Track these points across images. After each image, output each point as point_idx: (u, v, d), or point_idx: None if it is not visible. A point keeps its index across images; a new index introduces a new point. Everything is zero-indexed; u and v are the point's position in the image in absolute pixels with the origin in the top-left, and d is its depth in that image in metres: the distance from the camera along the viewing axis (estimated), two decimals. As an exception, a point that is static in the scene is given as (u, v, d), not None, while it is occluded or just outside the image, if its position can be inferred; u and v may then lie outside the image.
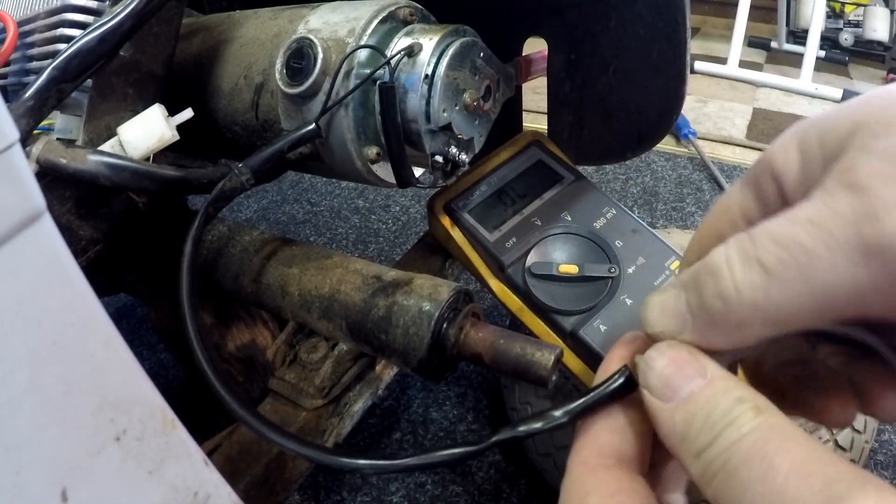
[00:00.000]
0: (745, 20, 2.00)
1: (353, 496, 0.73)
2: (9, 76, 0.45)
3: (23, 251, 0.19)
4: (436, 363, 0.40)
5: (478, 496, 0.73)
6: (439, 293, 0.40)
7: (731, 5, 2.11)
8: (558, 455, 0.65)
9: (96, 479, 0.22)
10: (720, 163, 1.46)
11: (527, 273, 0.48)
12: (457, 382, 0.88)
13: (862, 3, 2.29)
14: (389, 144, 0.42)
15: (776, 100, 1.88)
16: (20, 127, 0.33)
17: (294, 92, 0.41)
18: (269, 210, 1.34)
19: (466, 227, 0.52)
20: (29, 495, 0.20)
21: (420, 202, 1.32)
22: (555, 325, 0.47)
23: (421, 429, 0.82)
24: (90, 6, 0.42)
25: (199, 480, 0.27)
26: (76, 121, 0.42)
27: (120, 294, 0.64)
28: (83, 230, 0.41)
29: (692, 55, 1.64)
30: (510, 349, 0.38)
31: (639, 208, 1.28)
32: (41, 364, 0.20)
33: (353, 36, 0.41)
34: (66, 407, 0.21)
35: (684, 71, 0.53)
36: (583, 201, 0.53)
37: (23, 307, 0.19)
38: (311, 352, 0.50)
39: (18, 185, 0.19)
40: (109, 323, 0.23)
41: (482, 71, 0.45)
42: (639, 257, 0.49)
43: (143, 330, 0.98)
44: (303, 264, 0.47)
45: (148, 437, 0.24)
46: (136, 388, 0.24)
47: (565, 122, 0.62)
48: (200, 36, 0.52)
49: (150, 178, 0.39)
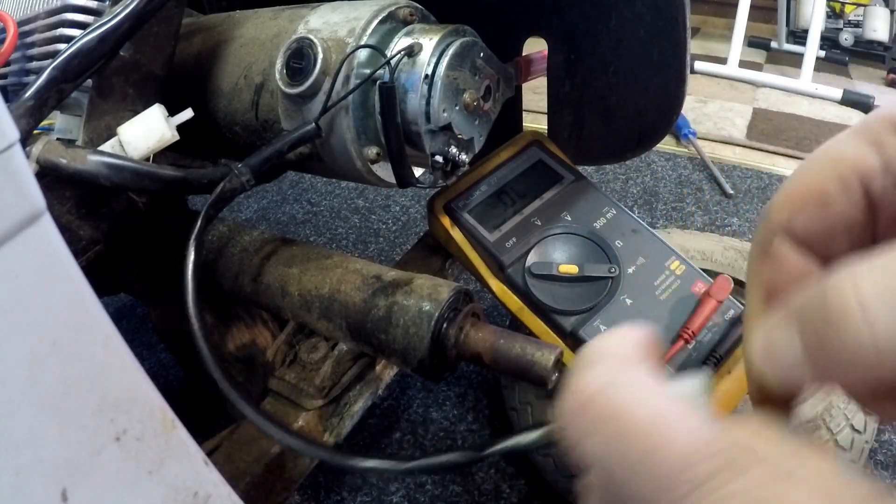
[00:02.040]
0: (745, 20, 1.99)
1: (354, 496, 0.73)
2: (9, 76, 0.45)
3: (23, 251, 0.19)
4: (436, 363, 0.40)
5: (478, 496, 0.73)
6: (439, 293, 0.40)
7: (731, 5, 2.10)
8: (558, 455, 0.65)
9: (96, 479, 0.22)
10: (720, 163, 1.46)
11: (527, 273, 0.48)
12: (457, 382, 0.88)
13: (862, 3, 2.29)
14: (389, 144, 0.42)
15: (776, 100, 1.88)
16: (20, 127, 0.33)
17: (294, 92, 0.41)
18: (269, 210, 1.34)
19: (466, 227, 0.52)
20: (29, 495, 0.20)
21: (420, 202, 1.32)
22: (555, 325, 0.47)
23: (421, 429, 0.82)
24: (90, 6, 0.42)
25: (199, 480, 0.27)
26: (76, 121, 0.42)
27: (120, 294, 0.64)
28: (83, 230, 0.41)
29: (692, 55, 1.64)
30: (510, 349, 0.38)
31: (639, 208, 1.28)
32: (41, 364, 0.20)
33: (354, 36, 0.41)
34: (66, 407, 0.21)
35: (684, 71, 0.53)
36: (583, 201, 0.53)
37: (23, 307, 0.19)
38: (311, 352, 0.50)
39: (18, 185, 0.19)
40: (109, 323, 0.23)
41: (482, 71, 0.45)
42: (639, 257, 0.49)
43: (143, 330, 0.98)
44: (303, 264, 0.47)
45: (148, 437, 0.24)
46: (136, 388, 0.24)
47: (565, 122, 0.62)
48: (200, 36, 0.52)
49: (150, 178, 0.38)
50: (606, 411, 0.15)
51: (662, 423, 0.14)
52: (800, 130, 1.67)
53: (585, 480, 0.17)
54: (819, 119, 1.75)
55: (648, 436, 0.14)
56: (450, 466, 0.27)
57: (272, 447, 0.44)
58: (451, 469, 0.29)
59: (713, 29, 2.68)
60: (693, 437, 0.14)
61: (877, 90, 1.99)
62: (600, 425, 0.15)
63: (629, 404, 0.15)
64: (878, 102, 1.84)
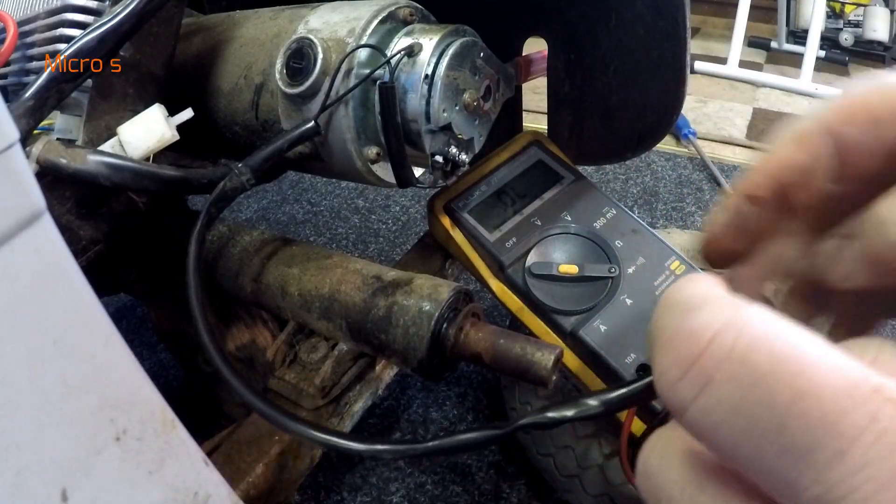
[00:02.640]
0: (745, 20, 1.99)
1: (354, 496, 0.73)
2: (9, 76, 0.45)
3: (23, 251, 0.19)
4: (436, 363, 0.40)
5: (478, 496, 0.73)
6: (439, 293, 0.40)
7: (731, 5, 2.10)
8: (558, 455, 0.65)
9: (96, 479, 0.22)
10: (720, 163, 1.46)
11: (527, 273, 0.48)
12: (457, 382, 0.88)
13: (862, 3, 2.29)
14: (389, 144, 0.42)
15: (776, 100, 1.88)
16: (20, 127, 0.33)
17: (294, 92, 0.41)
18: (269, 210, 1.34)
19: (466, 227, 0.52)
20: (29, 495, 0.20)
21: (420, 202, 1.32)
22: (555, 325, 0.47)
23: (421, 429, 0.82)
24: (90, 6, 0.42)
25: (199, 480, 0.27)
26: (76, 121, 0.42)
27: (120, 294, 0.64)
28: (83, 230, 0.41)
29: (692, 55, 1.64)
30: (510, 349, 0.38)
31: (639, 208, 1.28)
32: (41, 364, 0.20)
33: (354, 36, 0.41)
34: (66, 407, 0.21)
35: (684, 71, 0.53)
36: (583, 201, 0.53)
37: (23, 307, 0.19)
38: (311, 352, 0.50)
39: (18, 185, 0.19)
40: (109, 323, 0.23)
41: (482, 71, 0.45)
42: (639, 257, 0.49)
43: (143, 330, 0.98)
44: (303, 264, 0.47)
45: (148, 437, 0.24)
46: (136, 388, 0.24)
47: (565, 122, 0.62)
48: (200, 36, 0.52)
49: (150, 178, 0.38)
50: (737, 353, 0.12)
51: (808, 362, 0.12)
52: (800, 130, 1.67)
53: (692, 453, 0.14)
54: (819, 119, 1.75)
55: (795, 376, 0.12)
56: (471, 445, 0.25)
57: (272, 447, 0.44)
58: (472, 448, 0.27)
59: (713, 29, 2.68)
60: (842, 376, 0.12)
61: (877, 90, 1.99)
62: (733, 369, 0.12)
63: (764, 343, 0.12)
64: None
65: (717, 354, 0.13)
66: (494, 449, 0.78)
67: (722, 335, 0.13)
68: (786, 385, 0.12)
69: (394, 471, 0.76)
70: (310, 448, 0.47)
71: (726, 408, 0.12)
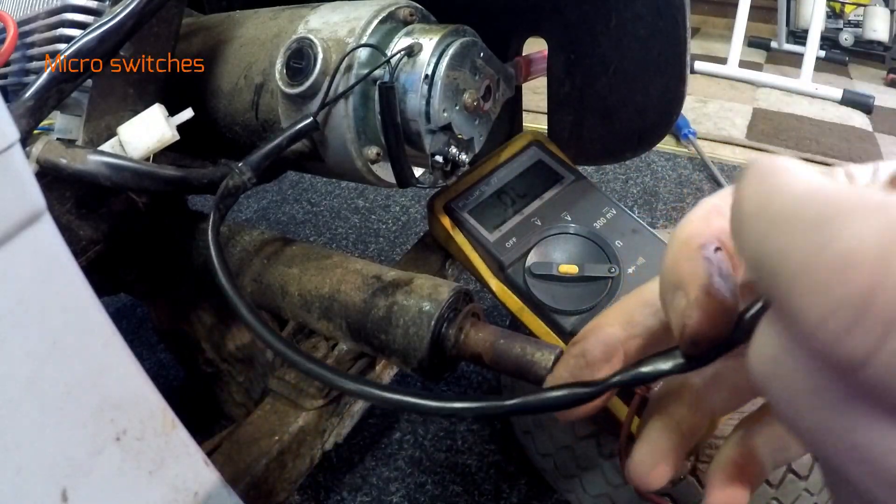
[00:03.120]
0: (745, 20, 2.00)
1: (354, 496, 0.73)
2: (9, 76, 0.45)
3: (23, 251, 0.19)
4: (436, 363, 0.40)
5: (478, 496, 0.73)
6: (439, 293, 0.40)
7: (731, 5, 2.11)
8: (558, 455, 0.65)
9: (96, 479, 0.22)
10: (720, 163, 1.46)
11: (527, 273, 0.48)
12: (457, 382, 0.88)
13: (862, 3, 2.29)
14: (389, 144, 0.42)
15: (776, 100, 1.89)
16: (20, 127, 0.33)
17: (294, 92, 0.41)
18: (269, 210, 1.34)
19: (466, 227, 0.52)
20: (29, 495, 0.20)
21: (420, 202, 1.32)
22: (555, 325, 0.47)
23: (421, 429, 0.82)
24: (90, 6, 0.42)
25: (199, 480, 0.27)
26: (76, 121, 0.42)
27: (120, 294, 0.64)
28: (83, 230, 0.41)
29: (692, 55, 1.64)
30: (510, 349, 0.38)
31: (639, 208, 1.29)
32: (41, 364, 0.20)
33: (354, 36, 0.41)
34: (66, 407, 0.21)
35: (684, 71, 0.53)
36: (583, 201, 0.53)
37: (23, 307, 0.19)
38: (311, 352, 0.50)
39: (18, 185, 0.19)
40: (109, 323, 0.23)
41: (482, 71, 0.45)
42: (639, 257, 0.49)
43: (143, 330, 0.98)
44: (303, 264, 0.47)
45: (148, 437, 0.24)
46: (136, 388, 0.24)
47: (565, 122, 0.62)
48: (200, 36, 0.52)
49: (151, 178, 0.38)
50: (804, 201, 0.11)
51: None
52: (800, 130, 1.67)
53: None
54: (819, 119, 1.76)
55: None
56: (558, 404, 0.22)
57: (272, 447, 0.44)
58: (557, 407, 0.22)
59: (713, 29, 2.69)
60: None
61: (877, 90, 2.00)
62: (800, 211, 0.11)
63: (826, 192, 0.11)
64: (877, 102, 1.84)
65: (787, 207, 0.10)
66: (494, 449, 0.78)
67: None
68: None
69: (394, 471, 0.76)
70: (310, 448, 0.47)
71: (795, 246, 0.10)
